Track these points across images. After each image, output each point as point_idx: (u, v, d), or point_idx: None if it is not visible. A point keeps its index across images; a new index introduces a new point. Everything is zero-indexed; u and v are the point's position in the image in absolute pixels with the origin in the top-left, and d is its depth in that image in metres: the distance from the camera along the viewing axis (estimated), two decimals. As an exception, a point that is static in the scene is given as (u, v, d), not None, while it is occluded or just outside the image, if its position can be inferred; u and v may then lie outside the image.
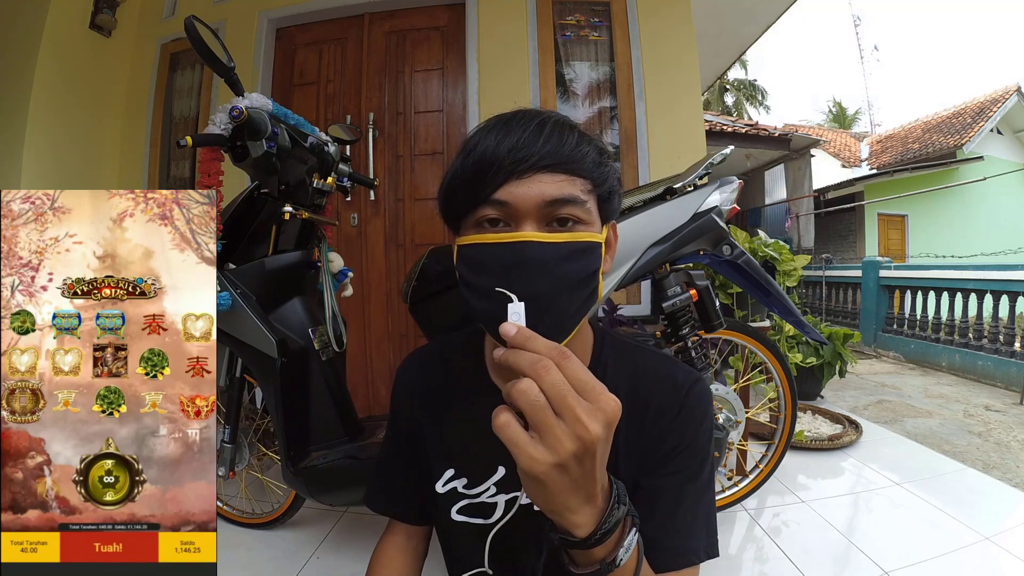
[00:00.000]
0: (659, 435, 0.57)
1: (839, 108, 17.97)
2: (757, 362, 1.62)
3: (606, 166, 0.52)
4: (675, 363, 0.62)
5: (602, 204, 0.52)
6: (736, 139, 7.12)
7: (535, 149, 0.47)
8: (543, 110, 0.51)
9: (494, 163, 0.47)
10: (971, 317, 4.41)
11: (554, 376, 0.35)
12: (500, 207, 0.48)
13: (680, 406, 0.57)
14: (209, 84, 2.65)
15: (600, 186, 0.51)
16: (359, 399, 2.20)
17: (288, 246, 1.32)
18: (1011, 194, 9.40)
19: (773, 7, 3.67)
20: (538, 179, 0.47)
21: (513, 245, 0.47)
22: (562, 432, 0.34)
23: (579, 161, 0.49)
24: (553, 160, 0.47)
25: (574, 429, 0.35)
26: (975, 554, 1.36)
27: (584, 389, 0.36)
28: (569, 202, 0.48)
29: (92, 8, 2.59)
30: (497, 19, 2.42)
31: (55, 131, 2.44)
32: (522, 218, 0.47)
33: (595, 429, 0.35)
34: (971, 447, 2.58)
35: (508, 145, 0.47)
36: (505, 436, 0.36)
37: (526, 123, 0.49)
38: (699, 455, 0.57)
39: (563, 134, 0.49)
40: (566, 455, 0.35)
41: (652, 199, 1.26)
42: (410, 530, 0.68)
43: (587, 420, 0.35)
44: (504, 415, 0.36)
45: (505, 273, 0.47)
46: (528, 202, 0.47)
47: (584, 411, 0.35)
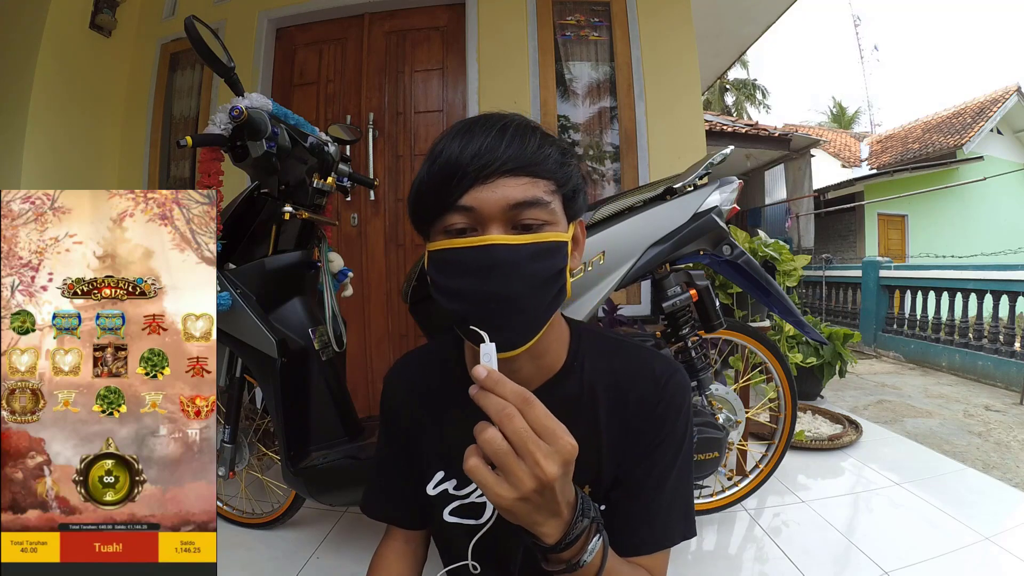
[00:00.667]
0: (640, 427, 0.58)
1: (839, 108, 17.96)
2: (757, 362, 1.62)
3: (569, 166, 0.53)
4: (654, 355, 0.63)
5: (567, 203, 0.53)
6: (736, 139, 7.11)
7: (498, 154, 0.48)
8: (506, 113, 0.53)
9: (458, 169, 0.48)
10: (971, 317, 4.41)
11: (516, 424, 0.39)
12: (466, 212, 0.49)
13: (659, 398, 0.58)
14: (209, 84, 2.64)
15: (564, 186, 0.52)
16: (359, 399, 2.20)
17: (288, 246, 1.32)
18: (1011, 194, 9.40)
19: (773, 7, 3.67)
20: (502, 183, 0.48)
21: (481, 248, 0.49)
22: (523, 473, 0.39)
23: (542, 163, 0.50)
24: (516, 164, 0.49)
25: (533, 471, 0.39)
26: (975, 554, 1.36)
27: (544, 432, 0.40)
28: (533, 204, 0.49)
29: (92, 8, 2.59)
30: (497, 19, 2.42)
31: (55, 131, 2.44)
32: (488, 222, 0.49)
33: (551, 470, 0.39)
34: (971, 447, 2.58)
35: (472, 151, 0.48)
36: (475, 478, 0.40)
37: (488, 128, 0.50)
38: (677, 444, 0.58)
39: (525, 137, 0.50)
40: (527, 491, 0.39)
41: (652, 199, 1.26)
42: (408, 535, 0.68)
43: (544, 463, 0.39)
44: (473, 459, 0.40)
45: (474, 276, 0.49)
46: (493, 206, 0.48)
47: (543, 454, 0.39)
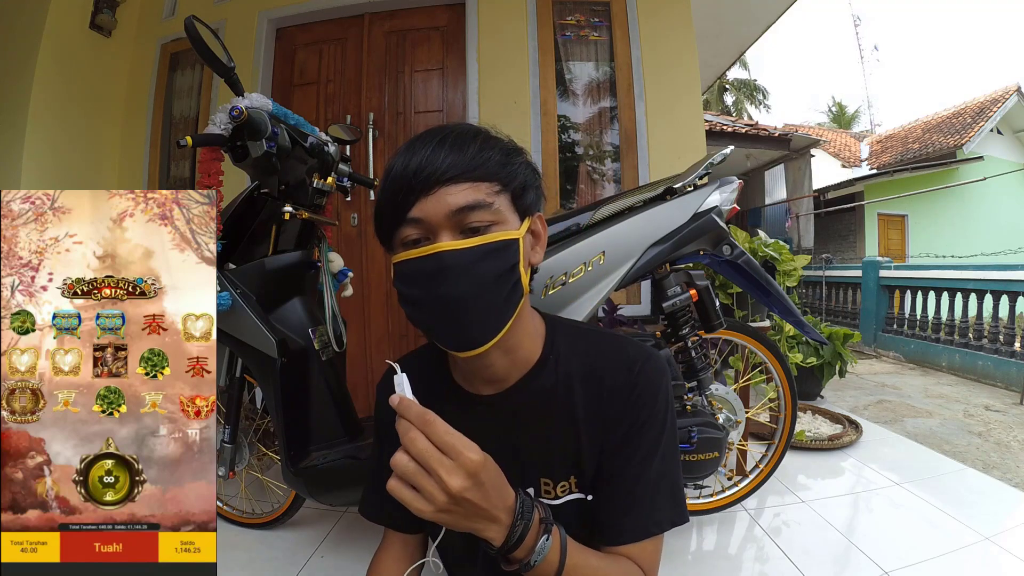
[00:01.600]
0: (617, 415, 0.58)
1: (839, 108, 17.96)
2: (757, 362, 1.62)
3: (513, 164, 0.55)
4: (627, 341, 0.63)
5: (516, 200, 0.55)
6: (736, 139, 7.11)
7: (436, 165, 0.51)
8: (449, 124, 0.56)
9: (404, 183, 0.52)
10: (971, 317, 4.41)
11: (419, 445, 0.43)
12: (416, 224, 0.52)
13: (633, 383, 0.59)
14: (209, 84, 2.64)
15: (508, 184, 0.54)
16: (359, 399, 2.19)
17: (288, 246, 1.31)
18: (1011, 194, 9.39)
19: (773, 7, 3.67)
20: (443, 192, 0.51)
21: (429, 256, 0.51)
22: (432, 488, 0.43)
23: (480, 167, 0.52)
24: (455, 171, 0.51)
25: (441, 485, 0.43)
26: (975, 554, 1.36)
27: (447, 448, 0.43)
28: (475, 207, 0.51)
29: (92, 8, 2.59)
30: (497, 19, 2.42)
31: (55, 131, 2.44)
32: (437, 230, 0.52)
33: (455, 483, 0.43)
34: (971, 447, 2.58)
35: (414, 166, 0.51)
36: (396, 496, 0.44)
37: (428, 141, 0.53)
38: (657, 428, 0.58)
39: (464, 145, 0.52)
40: (441, 504, 0.44)
41: (652, 199, 1.26)
42: (405, 539, 0.68)
43: (448, 478, 0.43)
44: (392, 480, 0.45)
45: (428, 282, 0.52)
46: (437, 214, 0.51)
47: (445, 470, 0.43)
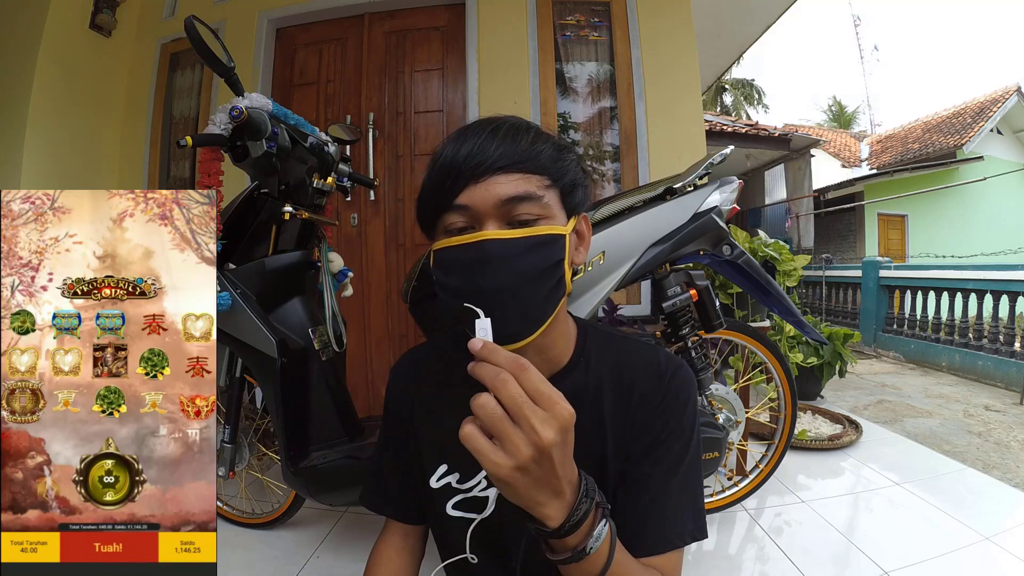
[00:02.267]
0: (644, 422, 0.58)
1: (839, 108, 17.95)
2: (757, 362, 1.62)
3: (565, 160, 0.54)
4: (657, 350, 0.63)
5: (565, 197, 0.55)
6: (736, 139, 7.11)
7: (488, 153, 0.50)
8: (501, 116, 0.55)
9: (454, 169, 0.51)
10: (971, 317, 4.41)
11: (511, 389, 0.38)
12: (463, 211, 0.51)
13: (664, 393, 0.59)
14: (209, 84, 2.64)
15: (559, 180, 0.53)
16: (359, 399, 2.20)
17: (288, 246, 1.31)
18: (1011, 194, 9.39)
19: (773, 7, 3.67)
20: (494, 180, 0.50)
21: (476, 244, 0.50)
22: (519, 439, 0.38)
23: (533, 159, 0.51)
24: (507, 161, 0.50)
25: (530, 436, 0.38)
26: (975, 554, 1.36)
27: (540, 398, 0.39)
28: (525, 199, 0.51)
29: (92, 8, 2.59)
30: (497, 19, 2.42)
31: (55, 131, 2.44)
32: (483, 219, 0.51)
33: (548, 436, 0.38)
34: (971, 447, 2.58)
35: (465, 152, 0.51)
36: (470, 445, 0.39)
37: (481, 130, 0.52)
38: (683, 440, 0.58)
39: (517, 136, 0.52)
40: (524, 459, 0.38)
41: (652, 199, 1.26)
42: (407, 529, 0.68)
43: (540, 428, 0.38)
44: (468, 426, 0.40)
45: (471, 271, 0.50)
46: (486, 202, 0.50)
47: (539, 420, 0.38)
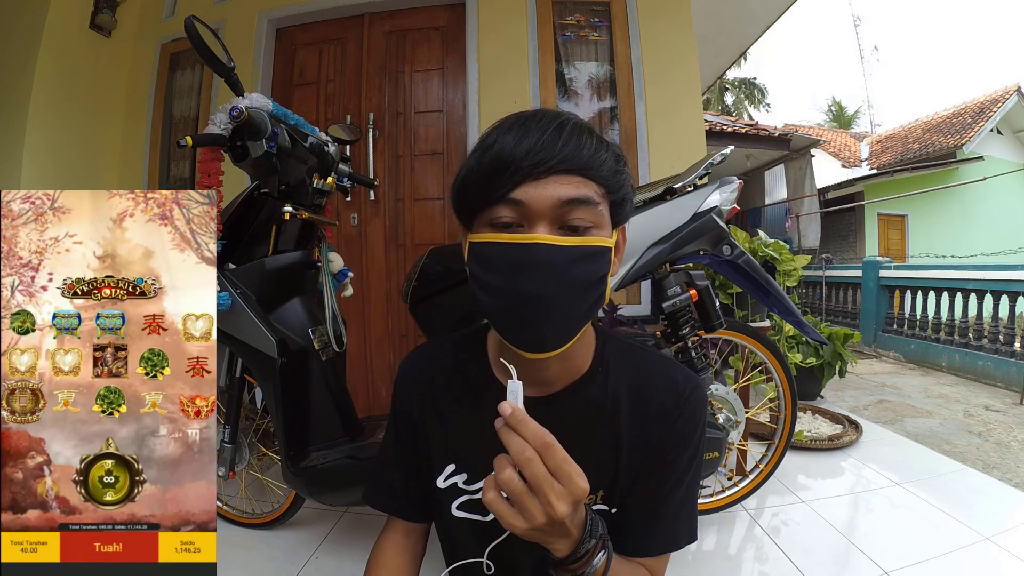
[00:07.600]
0: (659, 437, 0.59)
1: (839, 108, 17.95)
2: (757, 362, 1.62)
3: (622, 174, 0.52)
4: (676, 366, 0.63)
5: (614, 209, 0.52)
6: (736, 139, 7.10)
7: (554, 151, 0.47)
8: (562, 112, 0.52)
9: (511, 163, 0.48)
10: (971, 317, 4.41)
11: (536, 469, 0.41)
12: (515, 207, 0.48)
13: (680, 413, 0.59)
14: (209, 84, 2.64)
15: (614, 192, 0.51)
16: (359, 399, 2.20)
17: (288, 246, 1.31)
18: (1011, 194, 9.38)
19: (773, 7, 3.67)
20: (554, 180, 0.48)
21: (525, 246, 0.48)
22: (536, 510, 0.42)
23: (597, 168, 0.49)
24: (571, 164, 0.48)
25: (545, 509, 0.42)
26: (975, 554, 1.36)
27: (560, 475, 0.42)
28: (583, 203, 0.48)
29: (92, 8, 2.59)
30: (497, 19, 2.42)
31: (55, 131, 2.44)
32: (535, 219, 0.48)
33: (562, 509, 0.42)
34: (971, 447, 2.58)
35: (527, 146, 0.47)
36: (492, 509, 0.43)
37: (545, 125, 0.49)
38: (691, 455, 0.60)
39: (582, 138, 0.49)
40: (539, 524, 0.42)
41: (652, 199, 1.26)
42: (409, 528, 0.68)
43: (556, 503, 0.42)
44: (491, 493, 0.43)
45: (515, 273, 0.48)
46: (543, 203, 0.48)
47: (555, 496, 0.42)
